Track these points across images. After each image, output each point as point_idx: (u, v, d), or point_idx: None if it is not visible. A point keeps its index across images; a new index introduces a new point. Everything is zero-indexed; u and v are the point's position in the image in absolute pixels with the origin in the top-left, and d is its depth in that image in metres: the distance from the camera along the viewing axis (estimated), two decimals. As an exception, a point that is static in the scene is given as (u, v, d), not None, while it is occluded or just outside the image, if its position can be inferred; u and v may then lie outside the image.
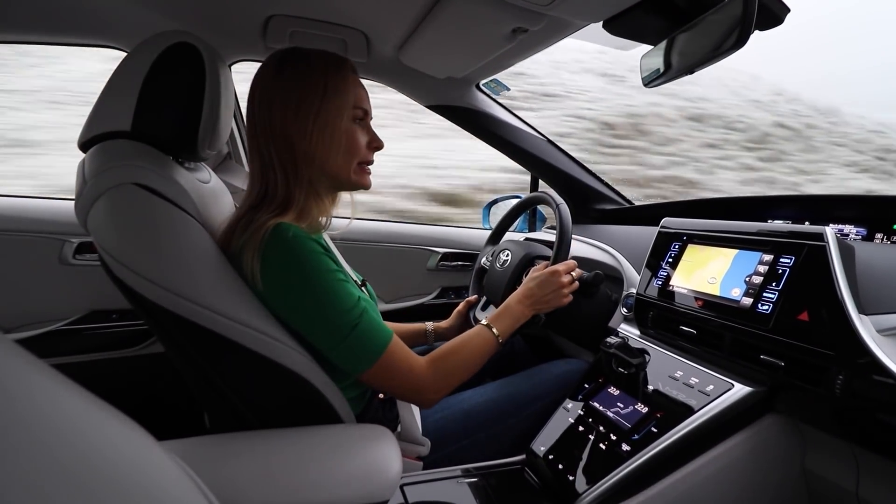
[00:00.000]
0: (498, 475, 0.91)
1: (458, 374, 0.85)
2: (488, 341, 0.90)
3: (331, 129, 0.81)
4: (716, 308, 0.92)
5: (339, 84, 0.82)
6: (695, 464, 0.82)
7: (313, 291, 0.74)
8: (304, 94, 0.79)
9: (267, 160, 0.80)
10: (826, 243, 0.79)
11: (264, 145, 0.80)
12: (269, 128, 0.80)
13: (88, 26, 1.11)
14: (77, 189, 0.71)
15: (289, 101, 0.79)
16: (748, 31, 0.74)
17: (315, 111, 0.80)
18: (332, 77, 0.81)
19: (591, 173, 1.68)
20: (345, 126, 0.83)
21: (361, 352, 0.76)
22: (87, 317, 1.27)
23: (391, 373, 0.78)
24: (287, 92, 0.79)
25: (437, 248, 1.70)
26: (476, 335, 0.90)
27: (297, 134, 0.79)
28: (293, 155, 0.80)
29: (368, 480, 0.65)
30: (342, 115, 0.82)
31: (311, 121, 0.79)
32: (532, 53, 1.13)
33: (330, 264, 0.75)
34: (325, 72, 0.81)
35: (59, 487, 0.19)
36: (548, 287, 0.99)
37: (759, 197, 1.31)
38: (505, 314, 0.96)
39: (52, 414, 0.22)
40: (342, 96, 0.82)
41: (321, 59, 0.82)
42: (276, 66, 0.81)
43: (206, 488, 0.32)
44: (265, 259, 0.72)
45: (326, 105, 0.80)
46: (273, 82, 0.80)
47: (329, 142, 0.81)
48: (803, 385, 0.76)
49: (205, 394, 0.79)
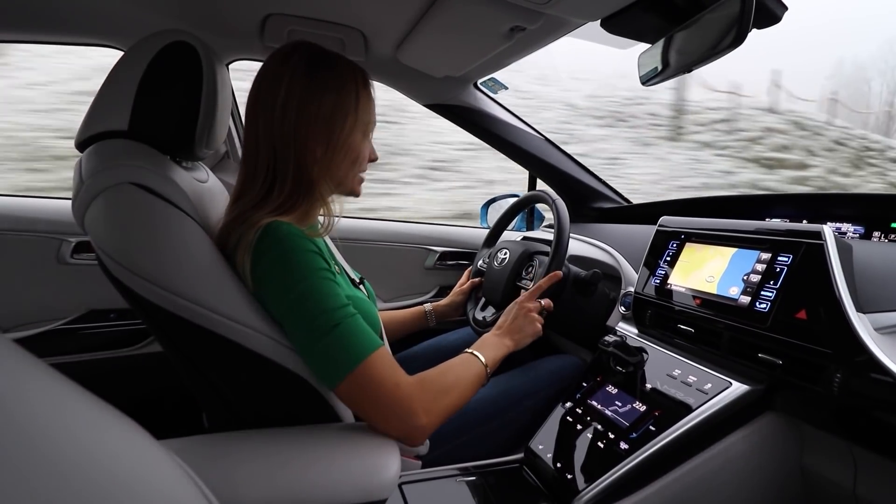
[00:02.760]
0: (496, 474, 0.91)
1: (451, 395, 0.77)
2: (478, 371, 0.84)
3: (350, 142, 0.82)
4: (714, 306, 0.92)
5: (367, 100, 0.83)
6: (693, 462, 0.82)
7: (296, 287, 0.71)
8: (337, 107, 0.79)
9: (278, 160, 0.78)
10: (824, 242, 0.79)
11: (279, 145, 0.77)
12: (288, 130, 0.77)
13: (85, 25, 1.10)
14: (74, 189, 0.71)
15: (320, 111, 0.78)
16: (746, 29, 0.74)
17: (342, 125, 0.79)
18: (362, 92, 0.82)
19: (589, 172, 1.68)
20: (360, 140, 0.84)
21: (337, 357, 0.69)
22: (85, 316, 1.27)
23: (372, 388, 0.69)
24: (319, 99, 0.78)
25: (434, 247, 1.70)
26: (465, 364, 0.84)
27: (318, 142, 0.78)
28: (308, 160, 0.78)
29: (367, 479, 0.65)
30: (362, 131, 0.83)
31: (336, 133, 0.79)
32: (530, 52, 1.13)
33: (319, 263, 0.73)
34: (356, 85, 0.81)
35: (58, 486, 0.19)
36: (517, 316, 0.97)
37: (756, 195, 1.32)
38: (490, 345, 0.91)
39: (51, 413, 0.22)
40: (367, 113, 0.83)
41: (351, 72, 0.81)
42: (306, 67, 0.78)
43: (205, 487, 0.32)
44: (254, 258, 0.72)
45: (354, 120, 0.81)
46: (302, 85, 0.77)
47: (344, 153, 0.81)
48: (801, 383, 0.76)
49: (203, 393, 0.79)
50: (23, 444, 0.19)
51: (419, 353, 1.27)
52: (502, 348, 0.92)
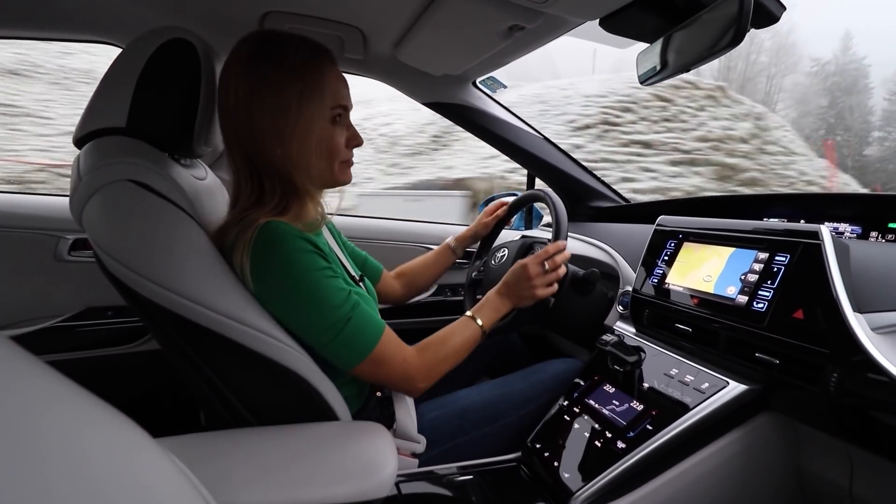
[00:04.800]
0: (493, 472, 0.91)
1: (447, 362, 0.86)
2: (474, 331, 0.91)
3: (310, 136, 0.78)
4: (711, 306, 0.92)
5: (316, 85, 0.77)
6: (690, 461, 0.82)
7: (300, 290, 0.73)
8: (279, 101, 0.75)
9: (253, 162, 0.78)
10: (821, 241, 0.79)
11: (250, 149, 0.77)
12: (245, 132, 0.76)
13: (84, 22, 1.10)
14: (72, 185, 0.71)
15: (264, 107, 0.75)
16: (744, 29, 0.74)
17: (293, 119, 0.76)
18: (309, 77, 0.76)
19: (588, 171, 1.68)
20: (323, 130, 0.79)
21: (355, 345, 0.76)
22: (82, 313, 1.27)
23: (384, 364, 0.78)
24: (262, 96, 0.75)
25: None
26: (461, 326, 0.91)
27: (276, 141, 0.76)
28: (275, 160, 0.77)
29: (364, 477, 0.65)
30: (320, 120, 0.78)
31: (289, 129, 0.76)
32: (529, 51, 1.13)
33: (317, 262, 0.74)
34: (301, 72, 0.76)
35: (53, 484, 0.19)
36: (519, 279, 0.96)
37: (754, 195, 1.32)
38: (486, 306, 0.95)
39: (47, 411, 0.22)
40: (320, 99, 0.77)
41: (296, 55, 0.76)
42: (248, 58, 0.75)
43: (201, 485, 0.32)
44: (253, 259, 0.72)
45: (303, 111, 0.76)
46: (246, 80, 0.75)
47: (309, 148, 0.78)
48: (798, 383, 0.76)
49: (200, 391, 0.79)
50: (18, 441, 0.19)
51: None
52: (502, 309, 0.96)
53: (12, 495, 0.17)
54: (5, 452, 0.18)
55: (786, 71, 34.11)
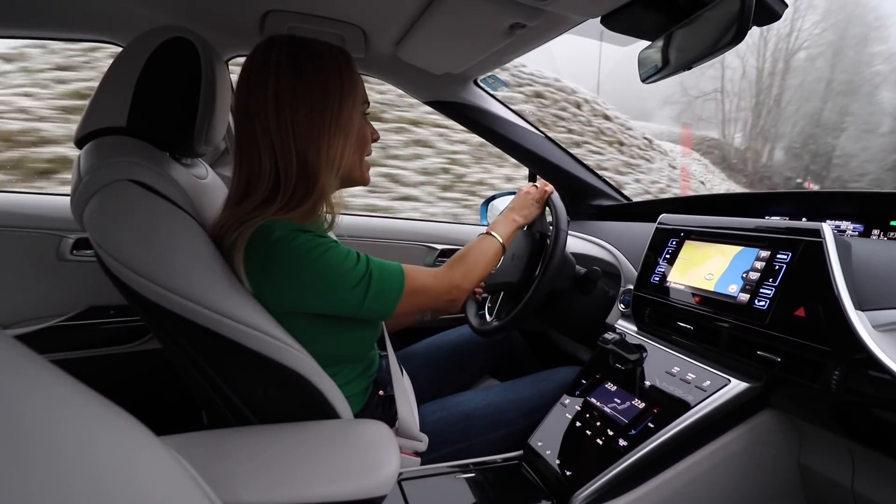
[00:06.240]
0: (495, 470, 0.91)
1: (477, 267, 0.94)
2: (492, 243, 1.00)
3: (350, 129, 0.81)
4: (713, 304, 0.92)
5: (352, 80, 0.81)
6: (691, 459, 0.82)
7: (313, 271, 0.73)
8: (325, 97, 0.78)
9: (280, 159, 0.77)
10: (823, 239, 0.79)
11: (279, 144, 0.76)
12: (286, 128, 0.76)
13: (84, 21, 1.10)
14: (73, 185, 0.71)
15: (313, 101, 0.77)
16: (746, 26, 0.73)
17: (336, 114, 0.79)
18: (346, 74, 0.80)
19: (589, 169, 1.68)
20: (358, 123, 0.84)
21: (387, 293, 0.79)
22: (84, 313, 1.27)
23: (420, 293, 0.84)
24: (309, 95, 0.77)
25: (434, 245, 1.69)
26: (480, 239, 1.00)
27: (320, 133, 0.77)
28: (311, 155, 0.77)
29: (366, 475, 0.66)
30: (356, 115, 0.83)
31: (333, 124, 0.79)
32: (530, 49, 1.13)
33: (315, 240, 0.74)
34: (339, 69, 0.80)
35: (57, 483, 0.19)
36: (524, 199, 1.14)
37: (756, 193, 1.32)
38: (499, 222, 1.06)
39: (51, 410, 0.22)
40: (354, 95, 0.82)
41: (332, 55, 0.80)
42: (288, 60, 0.76)
43: (205, 483, 0.32)
44: (255, 256, 0.72)
45: (345, 105, 0.80)
46: (288, 79, 0.76)
47: (346, 141, 0.81)
48: (799, 381, 0.76)
49: (202, 390, 0.79)
50: (23, 440, 0.19)
51: (419, 352, 1.27)
52: (513, 224, 1.08)
53: (19, 493, 0.17)
54: (10, 450, 0.18)
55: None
